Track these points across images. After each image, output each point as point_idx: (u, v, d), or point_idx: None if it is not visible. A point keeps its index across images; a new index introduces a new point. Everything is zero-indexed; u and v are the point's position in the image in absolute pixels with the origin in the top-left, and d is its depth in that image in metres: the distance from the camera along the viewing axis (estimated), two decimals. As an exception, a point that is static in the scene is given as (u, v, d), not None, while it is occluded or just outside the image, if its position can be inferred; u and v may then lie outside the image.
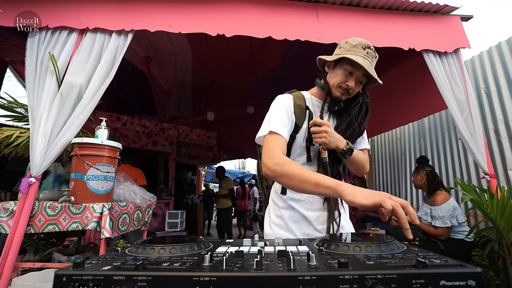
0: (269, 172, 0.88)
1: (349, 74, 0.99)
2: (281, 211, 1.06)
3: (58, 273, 0.42)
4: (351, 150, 1.00)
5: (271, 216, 1.09)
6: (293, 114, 1.03)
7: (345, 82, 1.00)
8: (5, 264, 1.59)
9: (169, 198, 4.61)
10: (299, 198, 1.04)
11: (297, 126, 1.04)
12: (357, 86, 1.01)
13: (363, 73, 0.98)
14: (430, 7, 2.38)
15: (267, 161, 0.90)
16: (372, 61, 1.00)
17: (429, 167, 2.65)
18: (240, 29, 2.11)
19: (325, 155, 1.00)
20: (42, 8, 2.00)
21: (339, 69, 1.01)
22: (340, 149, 0.99)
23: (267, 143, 0.95)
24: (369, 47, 0.99)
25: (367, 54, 0.98)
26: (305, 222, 1.03)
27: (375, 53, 1.01)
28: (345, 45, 1.02)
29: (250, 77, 4.14)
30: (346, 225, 1.09)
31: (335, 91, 1.02)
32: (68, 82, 1.87)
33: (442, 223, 2.36)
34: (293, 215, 1.04)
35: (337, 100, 1.03)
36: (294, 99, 1.06)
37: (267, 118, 1.02)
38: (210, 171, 11.67)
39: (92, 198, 1.73)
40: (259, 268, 0.43)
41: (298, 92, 1.11)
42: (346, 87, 1.00)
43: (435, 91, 2.36)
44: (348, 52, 0.99)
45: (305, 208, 1.03)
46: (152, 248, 0.57)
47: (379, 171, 4.71)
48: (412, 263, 0.44)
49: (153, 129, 4.50)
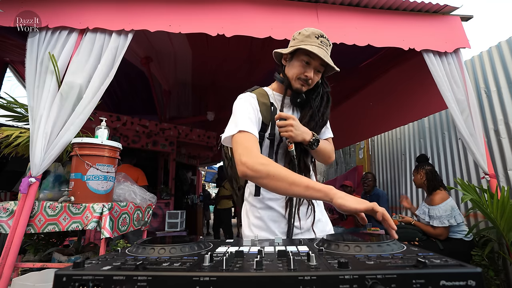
0: (251, 172, 0.83)
1: (306, 64, 1.00)
2: (259, 211, 1.05)
3: (58, 273, 0.42)
4: (317, 141, 1.01)
5: (250, 217, 1.08)
6: (259, 113, 1.02)
7: (304, 73, 1.00)
8: (5, 264, 1.59)
9: (169, 198, 4.61)
10: (275, 197, 1.04)
11: (264, 125, 1.03)
12: (315, 75, 1.02)
13: (319, 62, 0.99)
14: (430, 7, 2.38)
15: (247, 160, 0.84)
16: (327, 49, 1.01)
17: (428, 166, 2.65)
18: (240, 29, 2.11)
19: (292, 149, 0.99)
20: (42, 8, 2.00)
21: (296, 60, 1.02)
22: (306, 141, 0.99)
23: (241, 142, 0.90)
24: (322, 36, 1.00)
25: (321, 43, 0.98)
26: (284, 221, 1.03)
27: (329, 41, 1.02)
28: (299, 36, 1.02)
29: (250, 77, 4.14)
30: (322, 217, 1.10)
31: (295, 83, 1.02)
32: (68, 82, 1.87)
33: (440, 223, 2.36)
34: (272, 215, 1.03)
35: (298, 92, 1.03)
36: (257, 97, 1.05)
37: (233, 118, 0.99)
38: (210, 171, 11.67)
39: (92, 198, 1.73)
40: (259, 268, 0.43)
41: (261, 89, 1.10)
42: (305, 78, 1.00)
43: (435, 91, 2.36)
44: (303, 43, 0.99)
45: (282, 206, 1.03)
46: (152, 248, 0.57)
47: (379, 171, 4.71)
48: (412, 263, 0.44)
49: (153, 129, 4.50)
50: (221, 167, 6.03)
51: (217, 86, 4.50)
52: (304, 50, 0.98)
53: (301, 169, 1.04)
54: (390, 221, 0.71)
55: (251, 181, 0.88)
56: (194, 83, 4.52)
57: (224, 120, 5.64)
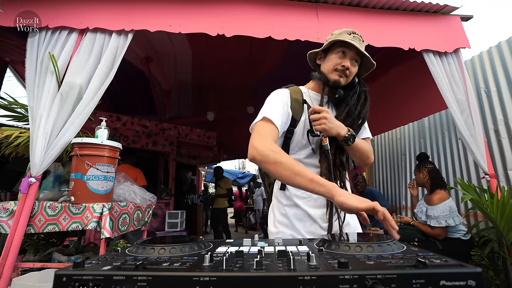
0: (259, 156, 0.84)
1: (343, 54, 1.01)
2: (285, 209, 1.04)
3: (58, 273, 0.42)
4: (353, 136, 0.98)
5: (276, 214, 1.07)
6: (290, 108, 1.01)
7: (341, 63, 1.00)
8: (5, 264, 1.59)
9: (169, 198, 4.61)
10: (302, 195, 1.02)
11: (294, 120, 1.01)
12: (352, 66, 1.01)
13: (355, 52, 1.00)
14: (430, 7, 2.38)
15: (259, 144, 0.85)
16: (361, 43, 1.01)
17: (430, 164, 2.64)
18: (240, 29, 2.11)
19: (326, 143, 0.97)
20: (42, 8, 2.00)
21: (331, 54, 1.03)
22: (341, 136, 0.97)
23: (259, 128, 0.91)
24: (354, 33, 1.01)
25: (354, 37, 1.00)
26: (310, 220, 1.01)
27: (361, 38, 1.03)
28: (331, 36, 1.06)
29: (250, 77, 4.14)
30: (352, 221, 1.06)
31: (332, 75, 1.02)
32: (68, 82, 1.87)
33: (437, 223, 2.36)
34: (298, 213, 1.02)
35: (336, 87, 1.03)
36: (290, 93, 1.05)
37: (262, 108, 0.99)
38: (210, 171, 11.67)
39: (92, 198, 1.73)
40: (259, 268, 0.43)
41: (295, 87, 1.10)
42: (342, 68, 1.00)
43: (435, 91, 2.36)
44: (336, 38, 1.01)
45: (309, 205, 1.01)
46: (152, 248, 0.57)
47: (379, 171, 4.71)
48: (412, 263, 0.44)
49: (153, 129, 4.50)
50: (217, 167, 6.03)
51: (217, 86, 4.50)
52: (339, 42, 1.00)
53: (336, 166, 1.02)
54: (391, 221, 0.71)
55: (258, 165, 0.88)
56: (194, 83, 4.53)
57: (224, 120, 5.67)
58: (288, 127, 1.01)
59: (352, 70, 1.01)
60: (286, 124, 1.01)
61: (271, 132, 0.91)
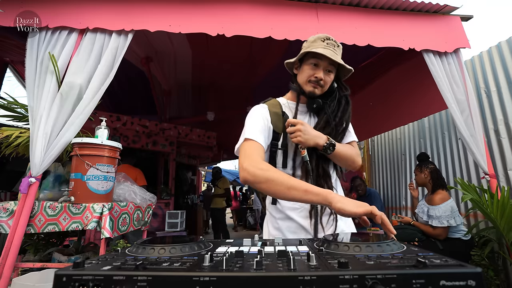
0: (250, 177, 0.85)
1: (315, 66, 1.00)
2: (278, 222, 1.04)
3: (58, 273, 0.42)
4: (333, 145, 0.98)
5: (269, 228, 1.07)
6: (270, 123, 1.01)
7: (313, 75, 1.00)
8: (5, 264, 1.59)
9: (169, 198, 4.61)
10: (294, 206, 1.02)
11: (276, 134, 1.02)
12: (326, 76, 1.00)
13: (328, 62, 0.99)
14: (430, 7, 2.38)
15: (247, 165, 0.86)
16: (335, 49, 1.00)
17: (431, 165, 2.64)
18: (240, 29, 2.11)
19: (305, 154, 0.97)
20: (42, 8, 2.00)
21: (305, 65, 1.03)
22: (320, 146, 0.97)
23: (244, 149, 0.92)
24: (328, 39, 1.00)
25: (327, 45, 0.99)
26: (303, 232, 1.01)
27: (336, 43, 1.02)
28: (306, 44, 1.05)
29: (250, 77, 4.14)
30: (346, 228, 1.06)
31: (306, 86, 1.02)
32: (68, 82, 1.87)
33: (439, 223, 2.36)
34: (291, 226, 1.02)
35: (313, 97, 1.03)
36: (269, 107, 1.05)
37: (243, 129, 1.00)
38: (210, 171, 11.67)
39: (92, 198, 1.73)
40: (259, 268, 0.43)
41: (273, 100, 1.10)
42: (315, 79, 1.00)
43: (435, 91, 2.36)
44: (309, 48, 1.00)
45: (302, 216, 1.01)
46: (152, 248, 0.57)
47: (379, 171, 4.71)
48: (412, 263, 0.44)
49: (153, 129, 4.50)
50: (215, 167, 6.04)
51: (217, 86, 4.50)
52: (310, 53, 0.99)
53: (320, 175, 1.02)
54: (389, 225, 0.71)
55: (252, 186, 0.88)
56: (194, 83, 4.53)
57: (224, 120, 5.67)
58: (272, 141, 1.02)
59: (327, 79, 1.01)
60: (269, 138, 1.01)
61: (256, 150, 0.91)
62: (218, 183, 5.72)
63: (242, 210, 9.69)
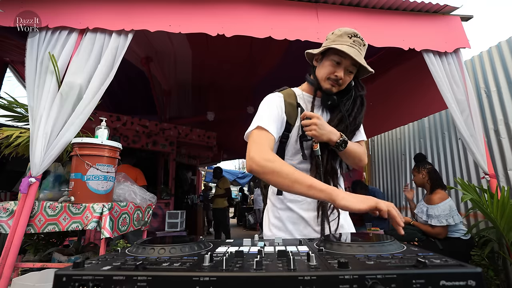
0: (256, 167, 0.84)
1: (337, 64, 0.97)
2: (279, 212, 1.04)
3: (58, 273, 0.42)
4: (345, 142, 0.98)
5: (270, 218, 1.08)
6: (284, 113, 1.00)
7: (334, 73, 0.97)
8: (5, 264, 1.59)
9: (169, 198, 4.61)
10: (296, 198, 1.02)
11: (289, 125, 1.01)
12: (347, 76, 0.98)
13: (351, 62, 0.96)
14: (430, 7, 2.38)
15: (255, 155, 0.85)
16: (360, 49, 0.97)
17: (429, 165, 2.65)
18: (240, 29, 2.11)
19: (317, 148, 0.97)
20: (42, 8, 2.00)
21: (326, 60, 0.99)
22: (333, 142, 0.96)
23: (255, 138, 0.91)
24: (355, 36, 0.96)
25: (354, 43, 0.96)
26: (303, 223, 1.02)
27: (363, 41, 0.98)
28: (331, 36, 1.00)
29: (250, 77, 4.14)
30: (345, 223, 1.07)
31: (325, 83, 1.00)
32: (68, 82, 1.87)
33: (438, 222, 2.36)
34: (291, 216, 1.02)
35: (329, 94, 1.01)
36: (284, 97, 1.03)
37: (256, 115, 0.98)
38: (210, 171, 11.67)
39: (92, 198, 1.73)
40: (259, 268, 0.43)
41: (289, 90, 1.08)
42: (335, 78, 0.97)
43: (435, 91, 2.36)
44: (334, 43, 0.97)
45: (303, 208, 1.02)
46: (152, 248, 0.57)
47: (379, 171, 4.71)
48: (412, 263, 0.44)
49: (153, 129, 4.50)
50: (216, 167, 6.03)
51: (217, 86, 4.50)
52: (334, 49, 0.95)
53: (327, 171, 1.01)
54: (396, 218, 0.71)
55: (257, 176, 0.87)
56: (194, 83, 4.53)
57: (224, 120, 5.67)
58: (283, 132, 1.01)
59: (346, 79, 0.99)
60: (281, 129, 1.00)
61: (266, 140, 0.90)
62: (218, 183, 5.72)
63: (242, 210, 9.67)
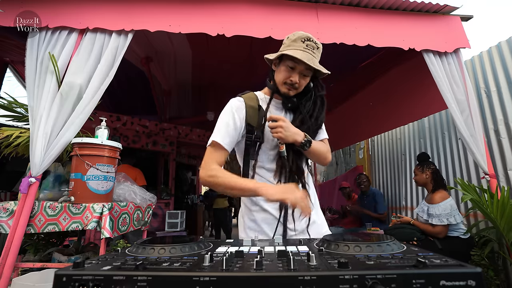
0: (204, 182, 0.97)
1: (291, 69, 1.01)
2: (254, 214, 1.06)
3: (58, 273, 0.42)
4: (310, 141, 1.02)
5: (245, 221, 1.09)
6: (243, 118, 1.04)
7: (289, 78, 1.01)
8: (5, 264, 1.59)
9: (169, 198, 4.61)
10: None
11: (251, 127, 1.04)
12: (302, 79, 1.02)
13: (304, 67, 0.99)
14: (430, 7, 2.38)
15: (202, 173, 0.97)
16: (314, 52, 1.00)
17: (432, 165, 2.65)
18: (240, 29, 2.11)
19: (283, 149, 1.01)
20: (42, 8, 2.00)
21: (282, 65, 1.03)
22: (298, 142, 1.00)
23: (206, 154, 1.01)
24: (308, 39, 1.00)
25: (307, 47, 0.99)
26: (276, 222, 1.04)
27: (316, 44, 1.01)
28: (286, 41, 1.05)
29: (250, 77, 4.14)
30: (318, 219, 1.10)
31: (282, 87, 1.04)
32: (68, 82, 1.87)
33: (439, 221, 2.36)
34: (266, 217, 1.04)
35: (287, 97, 1.05)
36: (245, 100, 1.07)
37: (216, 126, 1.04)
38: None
39: (92, 198, 1.73)
40: (259, 268, 0.43)
41: (251, 93, 1.12)
42: (290, 83, 1.01)
43: (435, 91, 2.36)
44: (288, 48, 1.01)
45: (276, 208, 1.04)
46: (152, 248, 0.57)
47: (379, 171, 4.71)
48: (412, 263, 0.44)
49: (153, 129, 4.50)
50: None
51: (217, 86, 4.50)
52: (287, 55, 0.99)
53: (292, 170, 1.05)
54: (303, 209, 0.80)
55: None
56: (194, 83, 4.52)
57: (224, 120, 5.47)
58: (247, 135, 1.05)
59: (302, 82, 1.03)
60: (240, 135, 1.05)
61: (216, 156, 1.00)
62: None
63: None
